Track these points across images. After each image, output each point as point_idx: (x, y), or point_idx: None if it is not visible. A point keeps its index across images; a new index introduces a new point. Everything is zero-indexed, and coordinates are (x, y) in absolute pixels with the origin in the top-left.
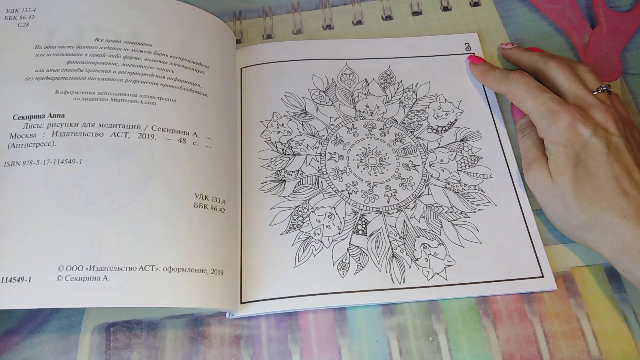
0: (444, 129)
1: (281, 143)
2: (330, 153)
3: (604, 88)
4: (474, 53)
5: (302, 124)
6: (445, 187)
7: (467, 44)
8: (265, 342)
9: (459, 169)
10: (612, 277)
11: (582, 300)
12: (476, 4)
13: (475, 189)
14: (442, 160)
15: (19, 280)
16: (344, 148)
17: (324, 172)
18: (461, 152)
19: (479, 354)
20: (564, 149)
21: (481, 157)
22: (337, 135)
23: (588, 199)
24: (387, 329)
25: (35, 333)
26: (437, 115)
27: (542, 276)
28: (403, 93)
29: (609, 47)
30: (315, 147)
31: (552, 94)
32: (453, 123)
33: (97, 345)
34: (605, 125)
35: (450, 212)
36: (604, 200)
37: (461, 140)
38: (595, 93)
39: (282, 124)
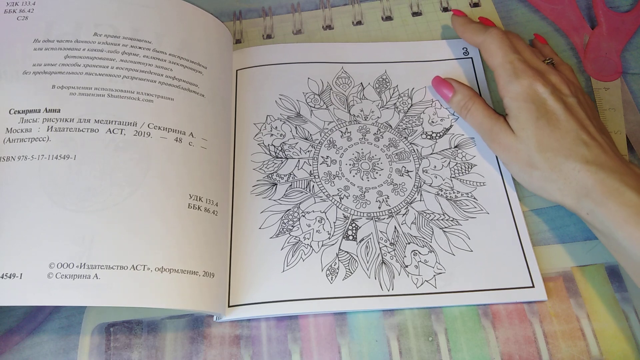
0: (438, 135)
1: (274, 146)
2: (322, 157)
3: (549, 61)
4: (471, 58)
5: (296, 127)
6: (438, 194)
7: (464, 49)
8: (265, 342)
9: (452, 175)
10: (613, 276)
11: (582, 300)
12: (476, 5)
13: (468, 197)
14: (435, 167)
15: (10, 277)
16: (337, 152)
17: (316, 176)
18: (455, 159)
19: (478, 354)
20: (525, 105)
21: (475, 165)
22: (331, 139)
23: (552, 149)
24: (387, 329)
25: (35, 333)
26: (432, 121)
27: (533, 286)
28: (398, 98)
29: (609, 47)
30: (308, 151)
31: (521, 56)
32: (448, 129)
33: (97, 345)
34: (559, 87)
35: (442, 219)
36: (567, 149)
37: (455, 147)
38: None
39: (276, 127)
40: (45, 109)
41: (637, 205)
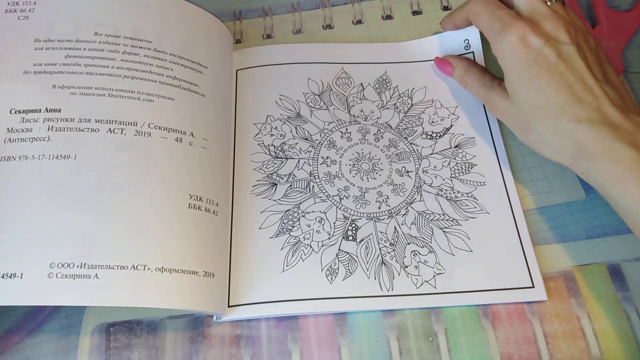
0: (438, 135)
1: (274, 146)
2: (322, 157)
3: None
4: (472, 52)
5: (296, 128)
6: (438, 194)
7: (466, 41)
8: (265, 342)
9: (453, 175)
10: (615, 275)
11: (583, 299)
12: None
13: (468, 197)
14: (435, 167)
15: (10, 277)
16: (337, 153)
17: (316, 177)
18: (455, 159)
19: (477, 354)
20: (515, 67)
21: (475, 164)
22: (331, 139)
23: (544, 111)
24: (387, 329)
25: (35, 333)
26: (432, 121)
27: (533, 286)
28: (398, 98)
29: (609, 46)
30: (308, 151)
31: (509, 10)
32: (448, 129)
33: (97, 345)
34: (555, 35)
35: (442, 220)
36: (558, 109)
37: (455, 146)
38: (549, 4)
39: (276, 127)
40: (46, 108)
41: (630, 160)
